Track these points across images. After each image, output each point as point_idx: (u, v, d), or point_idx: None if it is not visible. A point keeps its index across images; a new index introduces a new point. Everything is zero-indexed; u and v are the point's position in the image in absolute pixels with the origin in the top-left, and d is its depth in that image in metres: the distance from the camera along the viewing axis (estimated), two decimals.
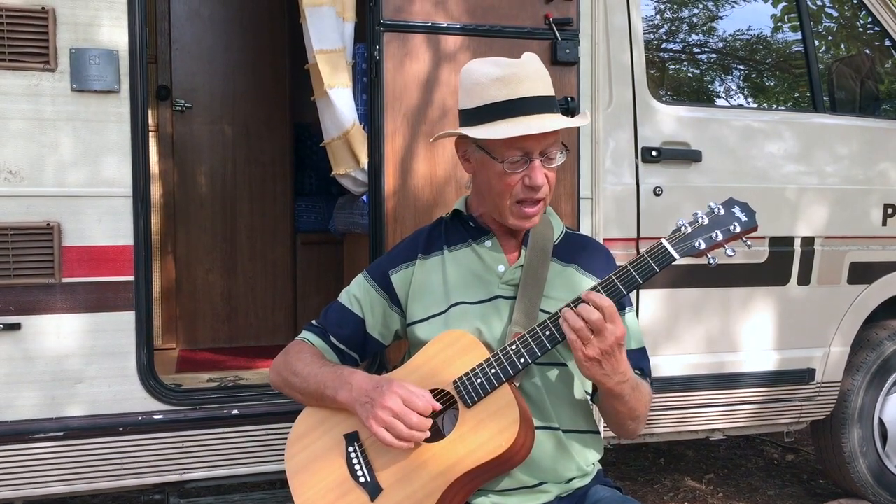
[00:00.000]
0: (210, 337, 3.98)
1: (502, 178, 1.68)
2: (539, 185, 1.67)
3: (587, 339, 1.51)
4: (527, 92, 1.66)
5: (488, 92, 1.67)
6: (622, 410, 1.65)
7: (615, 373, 1.55)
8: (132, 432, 2.38)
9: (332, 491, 1.64)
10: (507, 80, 1.66)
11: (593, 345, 1.51)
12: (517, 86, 1.66)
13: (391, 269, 1.83)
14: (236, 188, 4.08)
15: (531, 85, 1.67)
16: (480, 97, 1.68)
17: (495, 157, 1.68)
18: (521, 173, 1.67)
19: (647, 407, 1.71)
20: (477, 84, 1.69)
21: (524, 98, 1.66)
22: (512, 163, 1.66)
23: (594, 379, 1.57)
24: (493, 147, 1.68)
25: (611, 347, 1.52)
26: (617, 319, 1.52)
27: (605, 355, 1.52)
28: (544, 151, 1.67)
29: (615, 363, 1.54)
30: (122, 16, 2.33)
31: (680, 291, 2.94)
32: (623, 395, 1.60)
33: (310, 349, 1.81)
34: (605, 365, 1.54)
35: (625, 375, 1.58)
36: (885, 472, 3.31)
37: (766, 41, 3.56)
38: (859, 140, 3.23)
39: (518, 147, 1.65)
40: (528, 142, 1.65)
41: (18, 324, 2.28)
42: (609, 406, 1.67)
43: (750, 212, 1.60)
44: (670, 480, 3.82)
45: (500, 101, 1.66)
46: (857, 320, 3.21)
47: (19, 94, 2.26)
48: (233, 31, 4.09)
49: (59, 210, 2.30)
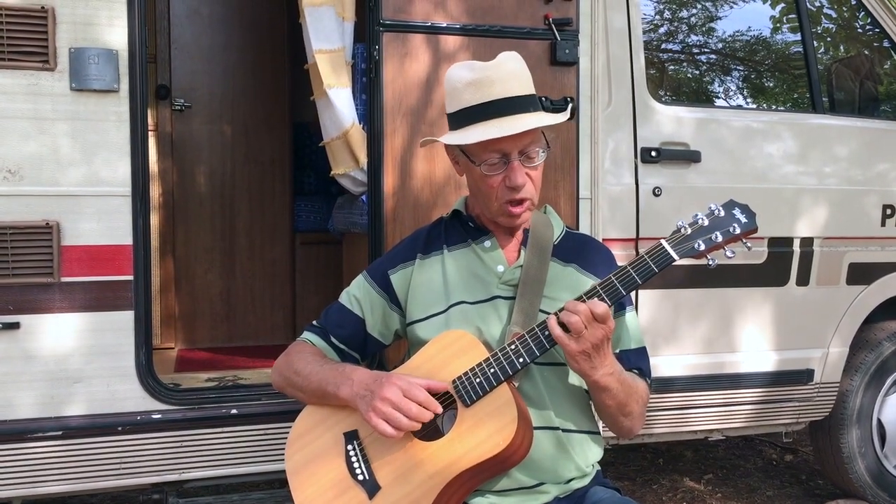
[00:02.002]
0: (209, 336, 3.98)
1: (484, 181, 1.70)
2: (519, 185, 1.68)
3: (579, 332, 1.53)
4: (499, 94, 1.67)
5: (463, 96, 1.69)
6: (611, 404, 1.66)
7: (602, 365, 1.58)
8: (131, 432, 2.38)
9: (331, 489, 1.64)
10: (478, 83, 1.68)
11: (584, 339, 1.53)
12: (489, 88, 1.67)
13: (391, 268, 1.84)
14: (235, 188, 4.08)
15: (504, 86, 1.68)
16: (457, 102, 1.71)
17: (474, 161, 1.70)
18: (500, 174, 1.68)
19: (642, 405, 1.71)
20: (454, 89, 1.72)
21: (496, 100, 1.67)
22: (490, 165, 1.68)
23: (581, 372, 1.59)
24: (471, 151, 1.70)
25: (599, 341, 1.54)
26: (609, 320, 1.55)
27: (595, 349, 1.55)
28: (523, 151, 1.68)
29: (602, 357, 1.57)
30: (121, 15, 2.33)
31: (679, 292, 2.94)
32: (609, 387, 1.61)
33: (311, 349, 1.82)
34: (594, 358, 1.56)
35: (611, 367, 1.60)
36: (884, 472, 3.31)
37: (765, 42, 3.56)
38: (858, 141, 3.23)
39: (494, 149, 1.66)
40: (503, 143, 1.65)
41: (17, 323, 2.28)
42: (599, 400, 1.68)
43: (750, 213, 1.61)
44: (669, 481, 3.82)
45: (473, 105, 1.68)
46: (856, 321, 3.21)
47: (18, 93, 2.26)
48: (232, 31, 4.09)
49: (58, 209, 2.30)
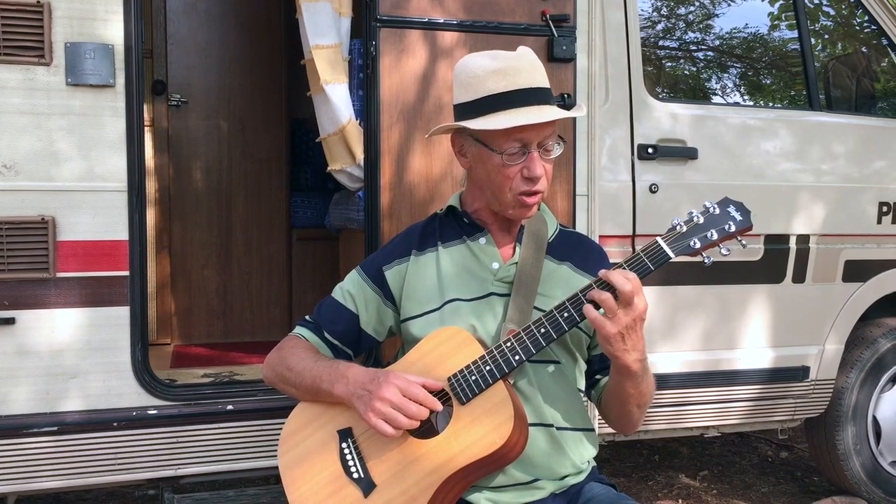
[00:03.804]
0: (205, 332, 3.98)
1: (501, 170, 1.68)
2: (538, 177, 1.67)
3: (613, 310, 1.50)
4: (525, 83, 1.66)
5: (486, 84, 1.66)
6: (632, 393, 1.64)
7: (635, 349, 1.55)
8: (126, 427, 2.38)
9: (326, 487, 1.64)
10: (505, 71, 1.66)
11: (619, 318, 1.50)
12: (515, 77, 1.66)
13: (385, 264, 1.83)
14: (232, 183, 4.07)
15: (529, 76, 1.67)
16: (478, 90, 1.68)
17: (493, 149, 1.67)
18: (519, 165, 1.67)
19: (652, 396, 1.70)
20: (474, 77, 1.68)
21: (523, 89, 1.66)
22: (510, 154, 1.66)
23: (614, 355, 1.55)
24: (491, 139, 1.67)
25: (634, 321, 1.51)
26: (642, 293, 1.52)
27: (629, 329, 1.52)
28: (542, 143, 1.67)
29: (636, 339, 1.54)
30: (117, 10, 2.32)
31: (675, 289, 2.94)
32: (637, 374, 1.59)
33: (304, 344, 1.81)
34: (628, 340, 1.53)
35: (643, 353, 1.57)
36: (879, 469, 3.32)
37: (762, 39, 3.56)
38: (855, 138, 3.23)
39: (517, 138, 1.65)
40: (526, 133, 1.64)
41: (12, 318, 2.27)
42: (620, 388, 1.65)
43: (745, 211, 1.61)
44: (664, 477, 3.82)
45: (499, 92, 1.65)
46: (852, 318, 3.22)
47: (14, 87, 2.25)
48: (229, 26, 4.07)
49: (54, 204, 2.29)
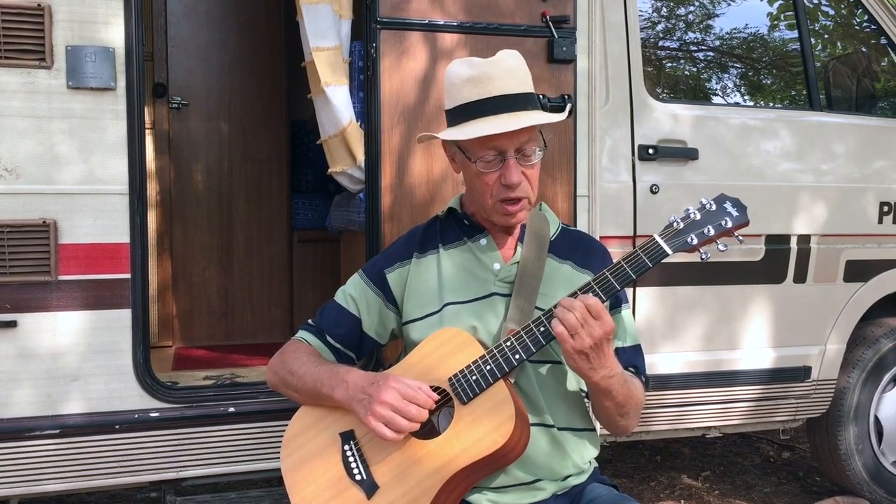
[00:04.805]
0: (206, 334, 3.98)
1: (479, 178, 1.70)
2: (514, 184, 1.67)
3: (575, 329, 1.51)
4: (497, 91, 1.67)
5: (461, 93, 1.69)
6: (609, 406, 1.65)
7: (602, 367, 1.55)
8: (128, 430, 2.38)
9: (329, 489, 1.64)
10: (477, 79, 1.68)
11: (581, 337, 1.51)
12: (487, 85, 1.67)
13: (387, 267, 1.84)
14: (233, 185, 4.07)
15: (502, 83, 1.67)
16: (455, 98, 1.71)
17: (470, 158, 1.69)
18: (496, 172, 1.68)
19: (639, 404, 1.71)
20: (452, 85, 1.72)
21: (494, 97, 1.66)
22: (486, 162, 1.68)
23: (581, 373, 1.57)
24: (468, 147, 1.70)
25: (599, 341, 1.52)
26: (605, 314, 1.52)
27: (593, 349, 1.52)
28: (520, 149, 1.68)
29: (602, 358, 1.55)
30: (118, 13, 2.32)
31: (676, 289, 2.94)
32: (610, 389, 1.60)
33: (306, 348, 1.82)
34: (593, 359, 1.54)
35: (612, 370, 1.58)
36: (881, 469, 3.32)
37: (762, 39, 3.56)
38: (855, 138, 3.23)
39: (491, 146, 1.66)
40: (500, 140, 1.65)
41: (14, 321, 2.27)
42: (597, 401, 1.68)
43: (741, 207, 1.61)
44: (666, 478, 3.82)
45: (471, 101, 1.68)
46: (853, 318, 3.21)
47: (15, 91, 2.25)
48: (229, 28, 4.08)
49: (56, 207, 2.29)
